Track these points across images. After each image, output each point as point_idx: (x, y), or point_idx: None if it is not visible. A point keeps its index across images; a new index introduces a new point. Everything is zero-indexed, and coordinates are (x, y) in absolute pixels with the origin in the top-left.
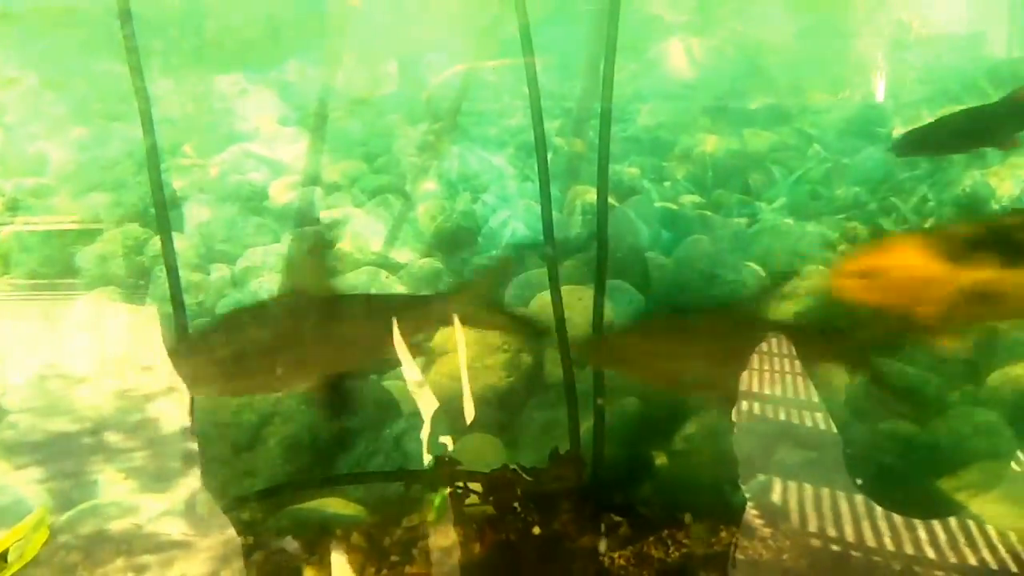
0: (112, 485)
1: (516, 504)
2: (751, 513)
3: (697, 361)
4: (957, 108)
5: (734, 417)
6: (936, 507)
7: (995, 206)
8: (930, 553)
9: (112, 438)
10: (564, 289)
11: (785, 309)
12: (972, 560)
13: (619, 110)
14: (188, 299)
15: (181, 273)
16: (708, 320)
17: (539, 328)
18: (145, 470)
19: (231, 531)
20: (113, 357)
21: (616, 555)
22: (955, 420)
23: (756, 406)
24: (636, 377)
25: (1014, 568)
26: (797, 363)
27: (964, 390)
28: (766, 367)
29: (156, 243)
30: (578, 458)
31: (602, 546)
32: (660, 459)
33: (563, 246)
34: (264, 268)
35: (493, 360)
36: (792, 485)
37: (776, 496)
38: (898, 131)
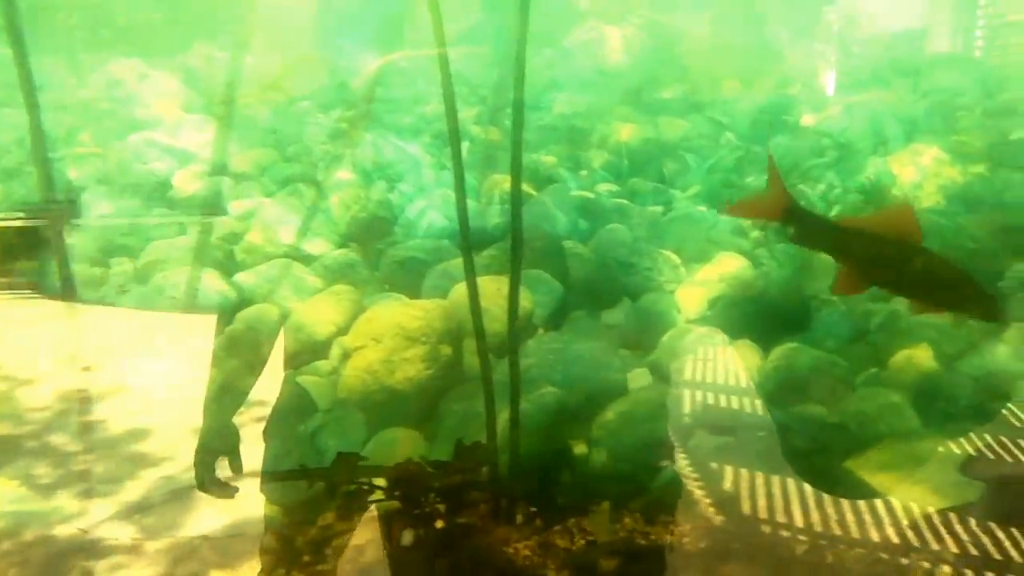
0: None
1: (422, 498)
2: (667, 499)
3: None
4: (864, 97)
5: (652, 404)
6: (846, 486)
7: (897, 192)
8: (838, 531)
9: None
10: (483, 279)
11: (699, 296)
12: (889, 537)
13: (535, 98)
14: (89, 294)
15: (80, 267)
16: None
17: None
18: (91, 473)
19: (180, 533)
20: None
21: (521, 546)
22: (862, 402)
23: (673, 392)
24: None
25: (934, 545)
26: (711, 349)
27: (869, 373)
28: (683, 353)
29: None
30: (483, 448)
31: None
32: (579, 448)
33: (481, 236)
34: (169, 262)
35: (412, 352)
36: (708, 469)
37: (692, 481)
38: (807, 119)
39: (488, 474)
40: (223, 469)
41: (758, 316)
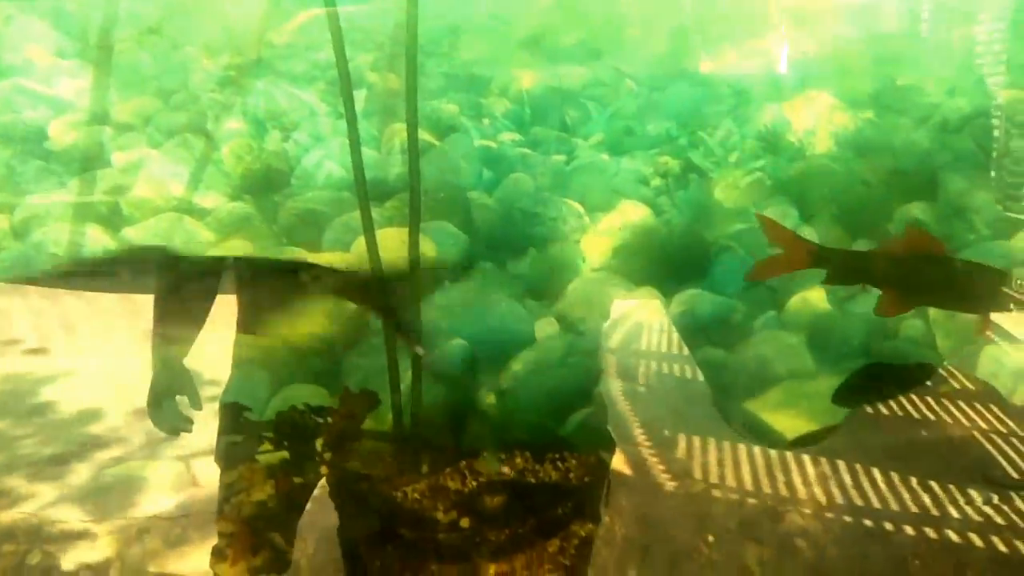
0: None
1: (309, 447)
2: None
3: None
4: (760, 43)
5: (559, 353)
6: (747, 427)
7: (793, 139)
8: (723, 470)
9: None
10: (386, 231)
11: (603, 245)
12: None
13: (434, 44)
14: None
15: None
16: None
17: None
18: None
19: (132, 513)
20: None
21: (410, 489)
22: (761, 345)
23: (582, 341)
24: None
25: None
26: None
27: (767, 315)
28: (588, 301)
29: None
30: (368, 395)
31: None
32: (488, 398)
33: (383, 186)
34: (49, 217)
35: (314, 307)
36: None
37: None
38: (705, 66)
39: (393, 426)
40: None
41: (660, 263)
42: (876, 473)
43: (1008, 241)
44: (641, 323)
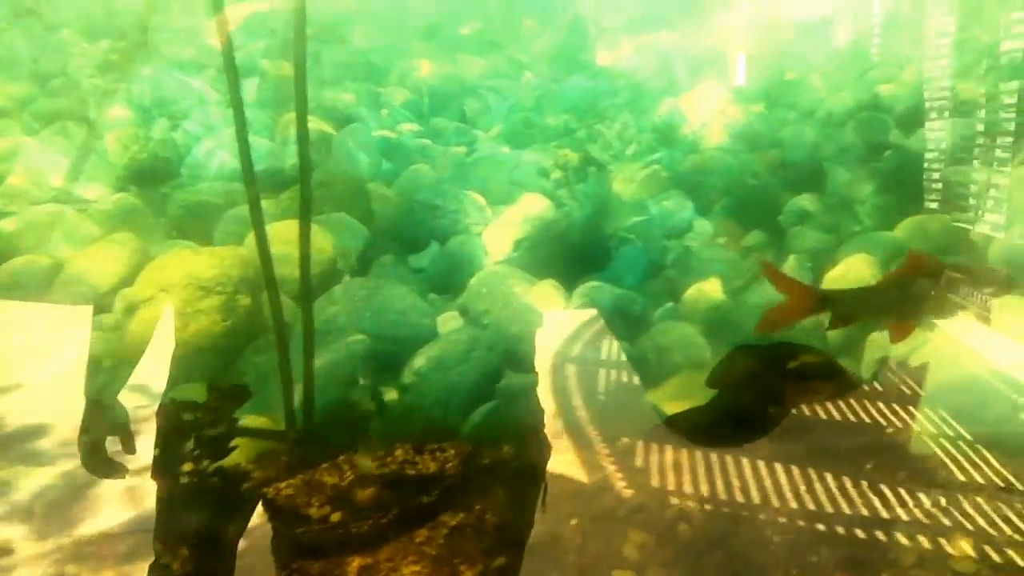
0: None
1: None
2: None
3: None
4: (654, 36)
5: (461, 347)
6: (645, 418)
7: (687, 132)
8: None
9: None
10: (280, 224)
11: (505, 238)
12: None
13: (329, 32)
14: None
15: None
16: None
17: None
18: None
19: (75, 532)
20: None
21: (283, 485)
22: (659, 335)
23: (485, 335)
24: None
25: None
26: (519, 290)
27: (665, 307)
28: (491, 295)
29: None
30: (238, 389)
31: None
32: (390, 394)
33: (278, 177)
34: None
35: (206, 303)
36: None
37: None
38: (602, 59)
39: (286, 426)
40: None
41: (561, 256)
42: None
43: (890, 231)
44: (543, 316)
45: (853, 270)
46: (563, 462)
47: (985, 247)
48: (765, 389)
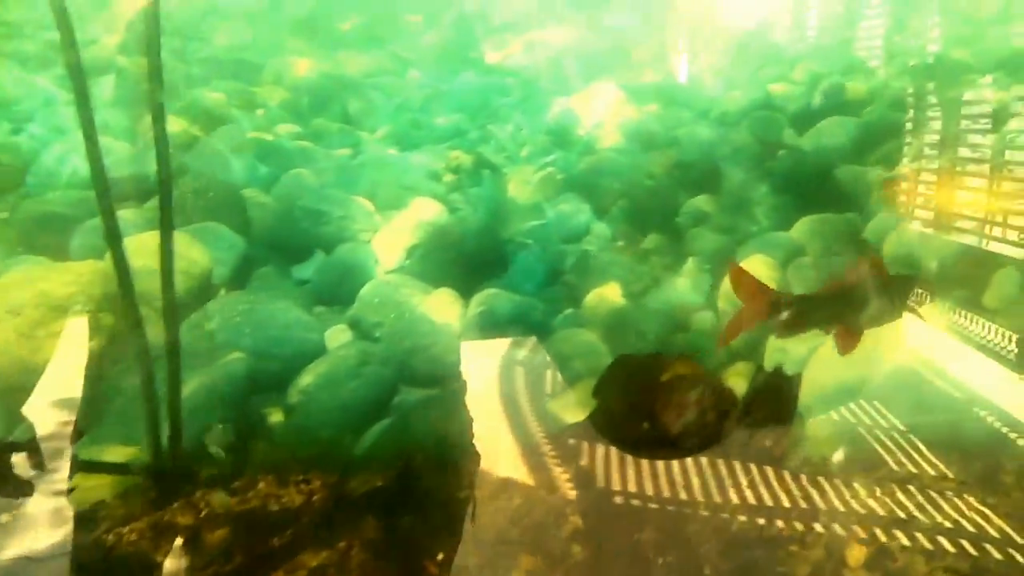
0: None
1: None
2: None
3: None
4: (545, 33)
5: (353, 362)
6: (551, 427)
7: (581, 132)
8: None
9: None
10: (147, 235)
11: (396, 245)
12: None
13: (192, 27)
14: None
15: None
16: None
17: None
18: None
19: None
20: None
21: (127, 529)
22: (560, 343)
23: (377, 349)
24: None
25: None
26: (413, 300)
27: (566, 313)
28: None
29: None
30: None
31: None
32: (275, 416)
33: (142, 184)
34: None
35: (62, 324)
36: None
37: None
38: (490, 56)
39: (152, 458)
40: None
41: (457, 263)
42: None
43: (787, 231)
44: (437, 325)
45: (752, 270)
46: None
47: (879, 245)
48: (636, 404)
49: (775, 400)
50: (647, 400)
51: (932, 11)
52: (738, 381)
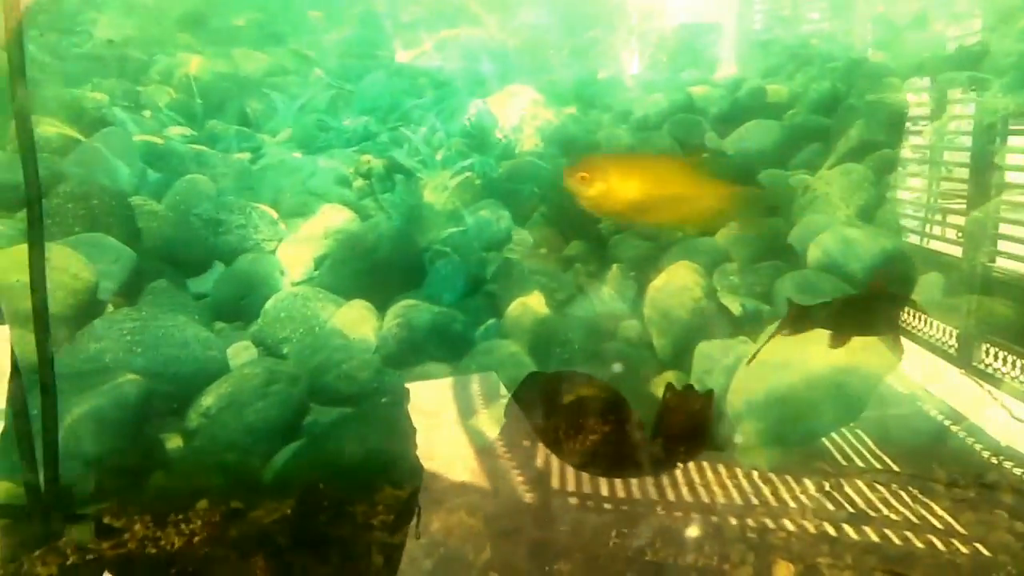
0: None
1: None
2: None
3: None
4: (456, 32)
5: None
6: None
7: (499, 135)
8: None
9: None
10: (16, 248)
11: (304, 255)
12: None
13: (69, 19)
14: None
15: None
16: None
17: None
18: None
19: None
20: None
21: None
22: (483, 355)
23: (285, 367)
24: None
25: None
26: (323, 313)
27: (488, 324)
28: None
29: None
30: None
31: None
32: (173, 442)
33: (15, 193)
34: None
35: None
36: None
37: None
38: (401, 55)
39: (27, 492)
40: None
41: (371, 273)
42: None
43: (711, 237)
44: (352, 340)
45: (677, 278)
46: None
47: (803, 251)
48: (540, 428)
49: (686, 420)
50: (550, 424)
51: (851, 15)
52: None
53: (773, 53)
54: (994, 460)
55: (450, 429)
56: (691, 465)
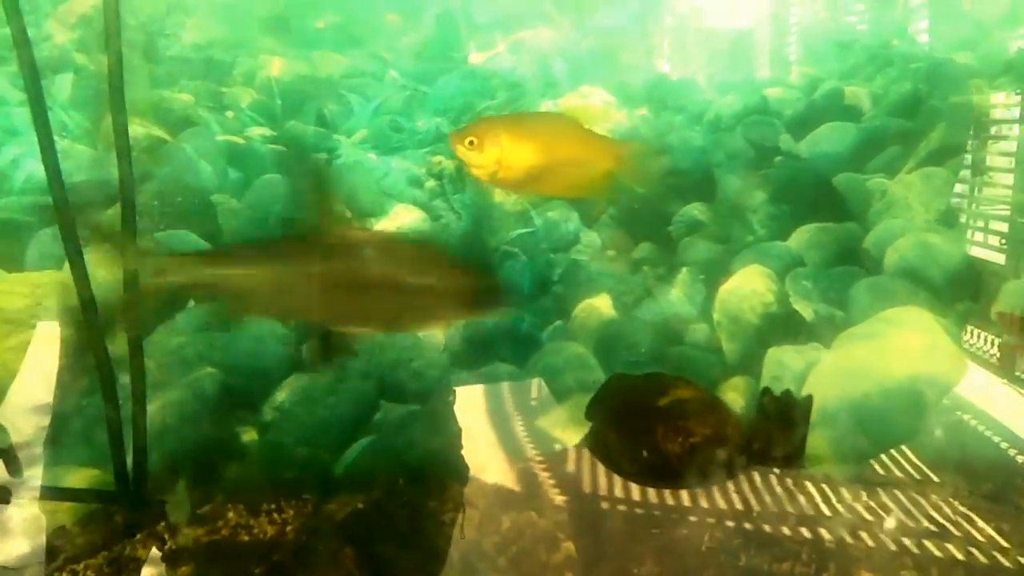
0: None
1: None
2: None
3: None
4: (530, 34)
5: (331, 377)
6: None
7: None
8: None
9: None
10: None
11: None
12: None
13: (157, 23)
14: None
15: None
16: None
17: None
18: None
19: None
20: None
21: (81, 566)
22: (549, 356)
23: (356, 363)
24: None
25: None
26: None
27: (555, 325)
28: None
29: None
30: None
31: None
32: (248, 435)
33: (105, 189)
34: None
35: (17, 339)
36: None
37: (378, 455)
38: (474, 58)
39: (116, 480)
40: None
41: None
42: None
43: (784, 241)
44: (422, 339)
45: (748, 282)
46: None
47: (880, 257)
48: (634, 429)
49: (784, 426)
50: (645, 426)
51: (933, 13)
52: (734, 396)
53: (852, 53)
54: None
55: (517, 431)
56: (756, 474)
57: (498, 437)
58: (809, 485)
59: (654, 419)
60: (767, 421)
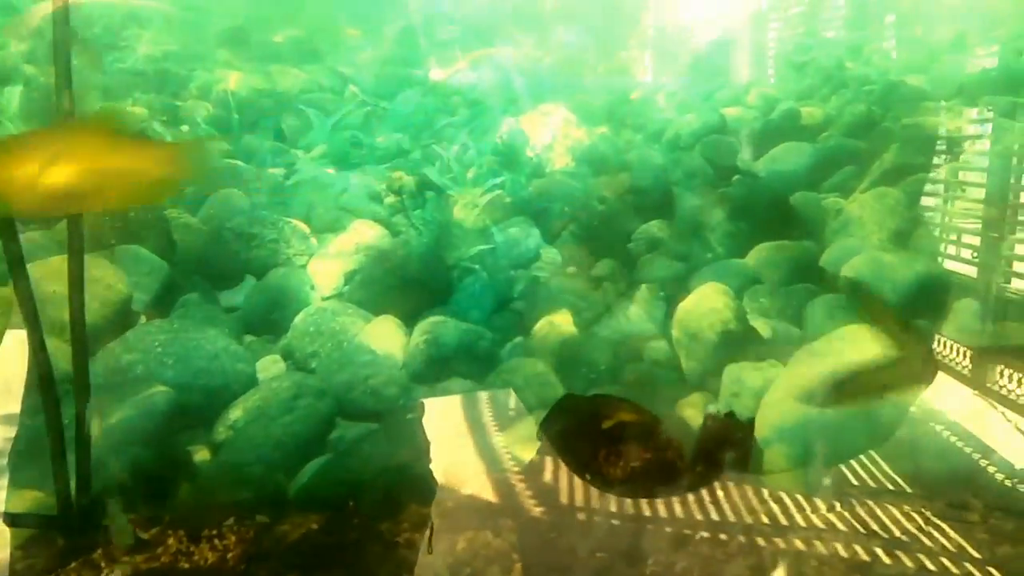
0: None
1: None
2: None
3: None
4: (490, 51)
5: (287, 395)
6: (496, 463)
7: (530, 154)
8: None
9: None
10: (58, 259)
11: (334, 270)
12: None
13: (112, 34)
14: None
15: None
16: None
17: None
18: None
19: None
20: None
21: None
22: (508, 373)
23: (313, 380)
24: None
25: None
26: (352, 328)
27: (515, 342)
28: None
29: None
30: None
31: None
32: (200, 454)
33: None
34: None
35: None
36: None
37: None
38: (435, 73)
39: (58, 502)
40: None
41: (400, 289)
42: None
43: (742, 259)
44: (380, 355)
45: (706, 299)
46: None
47: (835, 274)
48: (579, 451)
49: (726, 448)
50: (589, 450)
51: (887, 37)
52: (693, 413)
53: (808, 75)
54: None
55: (476, 446)
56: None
57: (459, 451)
58: (767, 498)
59: (598, 442)
60: (709, 442)
